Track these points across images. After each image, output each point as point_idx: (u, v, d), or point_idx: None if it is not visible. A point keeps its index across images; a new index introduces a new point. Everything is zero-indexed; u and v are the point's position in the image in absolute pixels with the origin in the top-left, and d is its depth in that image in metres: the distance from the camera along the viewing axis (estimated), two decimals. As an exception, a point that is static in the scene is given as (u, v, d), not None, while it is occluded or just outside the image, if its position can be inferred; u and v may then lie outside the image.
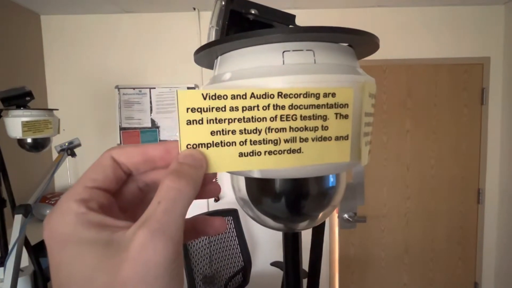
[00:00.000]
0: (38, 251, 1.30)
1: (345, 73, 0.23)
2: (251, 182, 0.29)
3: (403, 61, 2.02)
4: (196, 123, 0.19)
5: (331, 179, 0.28)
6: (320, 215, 0.29)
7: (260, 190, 0.29)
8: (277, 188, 0.27)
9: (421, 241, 2.12)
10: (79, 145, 1.47)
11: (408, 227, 2.12)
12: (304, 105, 0.21)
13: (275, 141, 0.21)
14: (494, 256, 2.15)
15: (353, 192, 2.10)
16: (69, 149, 1.43)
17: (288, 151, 0.21)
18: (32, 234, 1.30)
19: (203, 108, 0.19)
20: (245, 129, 0.20)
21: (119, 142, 2.06)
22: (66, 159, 2.03)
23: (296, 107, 0.21)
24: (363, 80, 0.23)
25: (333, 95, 0.22)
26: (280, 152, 0.21)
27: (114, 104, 2.05)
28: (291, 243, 0.39)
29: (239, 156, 0.20)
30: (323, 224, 0.47)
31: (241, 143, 0.20)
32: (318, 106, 0.21)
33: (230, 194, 2.10)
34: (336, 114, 0.22)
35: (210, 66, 0.28)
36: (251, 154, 0.20)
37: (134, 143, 2.06)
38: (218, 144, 0.20)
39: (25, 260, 1.10)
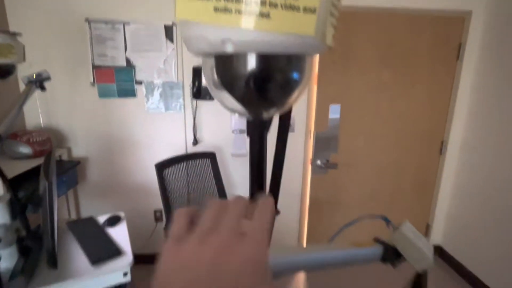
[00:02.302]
0: (14, 184, 1.29)
1: None
2: (221, 64, 0.30)
3: (386, 10, 1.99)
4: None
5: (296, 65, 0.29)
6: (285, 101, 0.31)
7: (229, 71, 0.30)
8: (245, 67, 0.28)
9: (386, 189, 2.30)
10: (48, 78, 1.39)
11: (376, 176, 2.27)
12: None
13: (246, 2, 0.22)
14: (447, 202, 2.40)
15: (328, 142, 2.19)
16: (38, 82, 1.35)
17: (257, 14, 0.22)
18: (4, 170, 1.28)
19: None
20: None
21: (92, 81, 1.96)
22: (36, 96, 1.94)
23: None
24: None
25: None
26: (249, 13, 0.22)
27: (85, 39, 1.91)
28: (258, 143, 0.42)
29: (215, 11, 0.22)
30: (286, 131, 0.50)
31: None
32: None
33: (207, 139, 2.12)
34: None
35: None
36: (224, 10, 0.22)
37: (108, 82, 1.97)
38: None
39: None
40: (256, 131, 0.44)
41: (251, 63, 0.27)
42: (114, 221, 1.51)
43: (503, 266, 1.94)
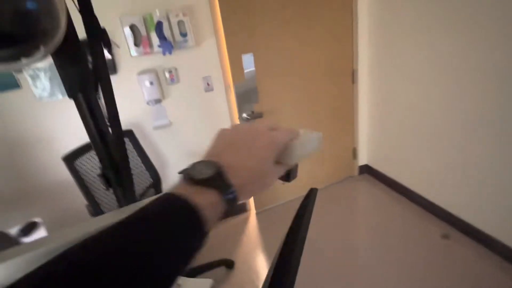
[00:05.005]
0: None
1: None
2: None
3: None
4: None
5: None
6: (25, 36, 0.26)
7: None
8: None
9: (309, 123, 2.42)
10: None
11: (298, 114, 2.36)
12: None
13: None
14: (367, 126, 2.63)
15: (249, 93, 2.18)
16: None
17: None
18: None
19: None
20: None
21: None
22: None
23: None
24: None
25: None
26: None
27: None
28: (85, 105, 0.36)
29: None
30: (109, 87, 0.45)
31: None
32: None
33: (121, 117, 1.95)
34: None
35: None
36: None
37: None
38: None
39: None
40: (72, 89, 0.38)
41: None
42: (29, 229, 1.36)
43: (424, 172, 2.25)
